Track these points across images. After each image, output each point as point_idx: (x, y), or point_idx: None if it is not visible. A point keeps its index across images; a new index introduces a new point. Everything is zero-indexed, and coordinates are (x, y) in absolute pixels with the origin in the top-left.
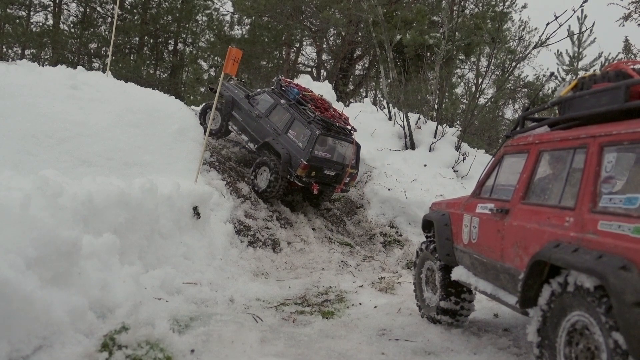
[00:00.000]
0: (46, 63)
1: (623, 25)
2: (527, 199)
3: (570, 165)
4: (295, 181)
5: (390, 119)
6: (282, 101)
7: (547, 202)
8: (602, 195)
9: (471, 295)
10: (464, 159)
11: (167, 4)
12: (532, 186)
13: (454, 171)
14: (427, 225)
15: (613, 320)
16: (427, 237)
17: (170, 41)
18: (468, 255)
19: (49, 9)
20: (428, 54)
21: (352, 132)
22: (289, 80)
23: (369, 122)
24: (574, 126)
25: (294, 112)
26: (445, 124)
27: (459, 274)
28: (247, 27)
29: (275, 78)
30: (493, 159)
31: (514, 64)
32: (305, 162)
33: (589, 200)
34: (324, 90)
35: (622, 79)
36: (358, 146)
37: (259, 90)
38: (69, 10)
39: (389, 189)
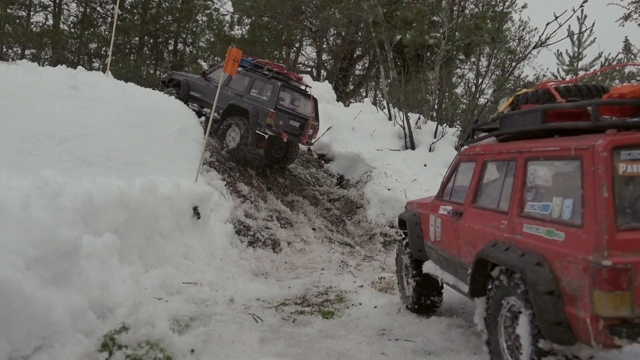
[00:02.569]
0: (46, 63)
1: (623, 25)
2: (475, 203)
3: (505, 174)
4: (266, 131)
5: (390, 119)
6: (239, 69)
7: (490, 206)
8: (527, 202)
9: (439, 287)
10: None
11: (167, 4)
12: (479, 192)
13: None
14: (402, 223)
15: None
16: (403, 234)
17: (170, 41)
18: (434, 251)
19: (49, 9)
20: (428, 54)
21: (307, 88)
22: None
23: (369, 122)
24: (511, 140)
25: (252, 75)
26: (445, 124)
27: (428, 267)
28: (247, 27)
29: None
30: (451, 164)
31: (514, 64)
32: (272, 110)
33: (518, 206)
34: (324, 90)
35: (548, 97)
36: (315, 101)
37: (214, 66)
38: (69, 10)
39: (389, 189)
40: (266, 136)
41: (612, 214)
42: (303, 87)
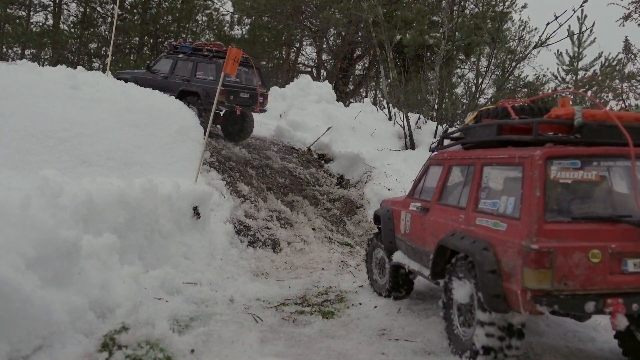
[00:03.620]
0: (46, 63)
1: (623, 25)
2: (440, 201)
3: (466, 177)
4: (220, 108)
5: (390, 119)
6: (180, 56)
7: (452, 203)
8: (481, 200)
9: (408, 275)
10: None
11: (167, 4)
12: (444, 191)
13: None
14: (377, 219)
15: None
16: (378, 228)
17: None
18: (404, 242)
19: (49, 9)
20: (428, 54)
21: (248, 59)
22: (180, 40)
23: (369, 122)
24: (473, 148)
25: (194, 58)
26: (445, 124)
27: (397, 257)
28: (247, 27)
29: (166, 43)
30: (422, 167)
31: (514, 64)
32: (222, 89)
33: (473, 203)
34: (324, 90)
35: (506, 114)
36: (259, 70)
37: (156, 59)
38: (69, 10)
39: (389, 189)
40: (222, 112)
41: (542, 209)
42: (244, 60)
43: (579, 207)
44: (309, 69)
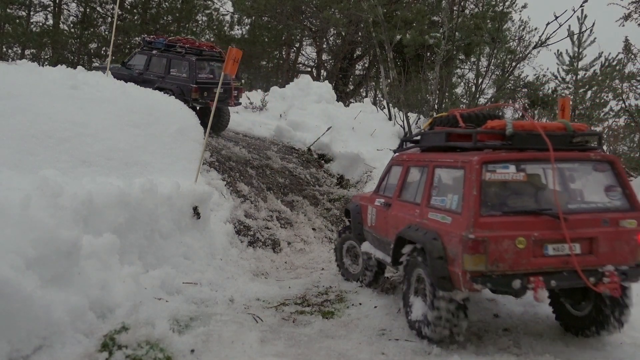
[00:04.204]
0: (46, 63)
1: (623, 25)
2: (400, 197)
3: (421, 177)
4: (194, 105)
5: (390, 119)
6: (154, 52)
7: (409, 199)
8: (432, 197)
9: (373, 262)
10: None
11: (167, 4)
12: (403, 189)
13: None
14: (348, 213)
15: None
16: (348, 221)
17: None
18: (370, 234)
19: (49, 9)
20: (428, 54)
21: (221, 53)
22: (152, 35)
23: (369, 122)
24: (428, 151)
25: (167, 55)
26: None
27: (365, 247)
28: (247, 27)
29: (140, 37)
30: (385, 167)
31: (514, 64)
32: (194, 86)
33: (426, 199)
34: (324, 90)
35: (455, 122)
36: None
37: (131, 54)
38: (69, 10)
39: None
40: (197, 108)
41: (478, 205)
42: (215, 53)
43: (508, 202)
44: (309, 69)
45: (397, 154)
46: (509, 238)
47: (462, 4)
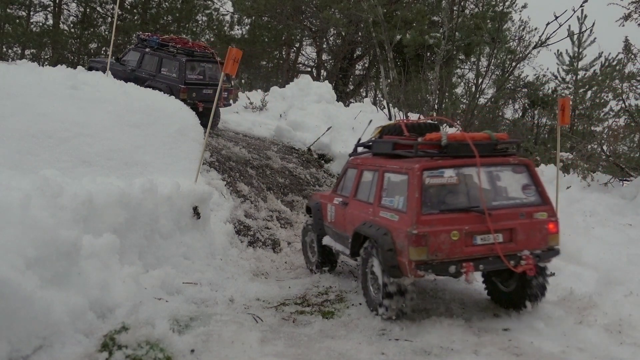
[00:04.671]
0: (46, 63)
1: (623, 25)
2: (356, 197)
3: (372, 179)
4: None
5: (390, 119)
6: (147, 50)
7: (363, 199)
8: (383, 198)
9: (334, 255)
10: None
11: (167, 4)
12: (358, 189)
13: None
14: (309, 210)
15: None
16: (310, 217)
17: None
18: (330, 229)
19: (49, 9)
20: (428, 54)
21: (213, 54)
22: (147, 33)
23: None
24: (378, 156)
25: (159, 54)
26: (445, 124)
27: (326, 240)
28: (247, 27)
29: (134, 35)
30: (342, 169)
31: (514, 64)
32: (183, 87)
33: (378, 199)
34: (324, 90)
35: (400, 131)
36: (223, 65)
37: (125, 51)
38: (69, 10)
39: None
40: None
41: (419, 206)
42: (208, 53)
43: (444, 202)
44: (309, 69)
45: (352, 157)
46: (445, 232)
47: (462, 4)
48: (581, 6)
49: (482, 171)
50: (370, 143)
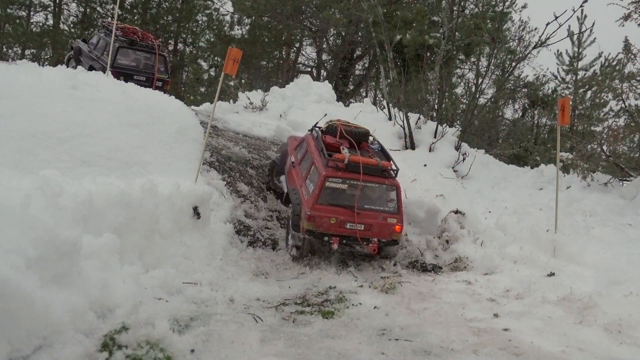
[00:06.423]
0: (46, 63)
1: (623, 25)
2: (300, 165)
3: (309, 162)
4: None
5: (390, 119)
6: (102, 34)
7: (301, 170)
8: (307, 178)
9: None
10: (464, 159)
11: (167, 4)
12: (302, 160)
13: (454, 171)
14: (280, 151)
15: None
16: (274, 160)
17: (170, 41)
18: (286, 173)
19: (49, 9)
20: (428, 54)
21: (158, 46)
22: (112, 22)
23: (369, 122)
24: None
25: (107, 39)
26: (445, 124)
27: (282, 179)
28: (247, 27)
29: (101, 21)
30: (304, 136)
31: (514, 64)
32: (111, 70)
33: (305, 177)
34: (324, 90)
35: (336, 132)
36: (164, 57)
37: (92, 33)
38: (69, 10)
39: None
40: None
41: (317, 198)
42: (151, 44)
43: (333, 199)
44: (309, 69)
45: (308, 133)
46: (327, 217)
47: (462, 4)
48: (581, 6)
49: (363, 185)
50: (319, 132)
